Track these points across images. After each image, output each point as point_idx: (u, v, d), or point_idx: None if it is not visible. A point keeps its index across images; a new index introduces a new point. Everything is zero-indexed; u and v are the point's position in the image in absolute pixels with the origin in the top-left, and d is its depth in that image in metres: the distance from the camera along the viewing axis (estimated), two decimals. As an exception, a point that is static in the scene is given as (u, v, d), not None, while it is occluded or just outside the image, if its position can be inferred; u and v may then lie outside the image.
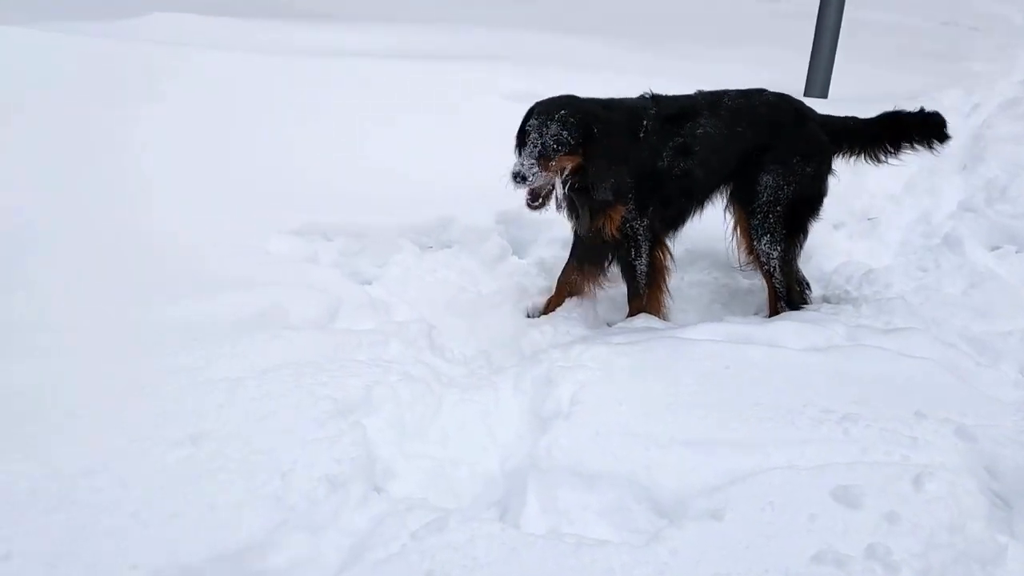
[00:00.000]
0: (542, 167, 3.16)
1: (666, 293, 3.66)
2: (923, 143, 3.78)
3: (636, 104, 3.47)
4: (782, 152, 3.57)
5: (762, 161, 3.57)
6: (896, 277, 3.95)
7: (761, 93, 3.68)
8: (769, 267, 3.67)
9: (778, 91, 3.75)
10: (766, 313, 3.79)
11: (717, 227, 3.87)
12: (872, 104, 6.67)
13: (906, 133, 3.77)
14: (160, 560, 2.04)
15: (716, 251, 4.16)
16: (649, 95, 3.54)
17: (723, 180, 3.66)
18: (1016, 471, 2.48)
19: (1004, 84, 8.34)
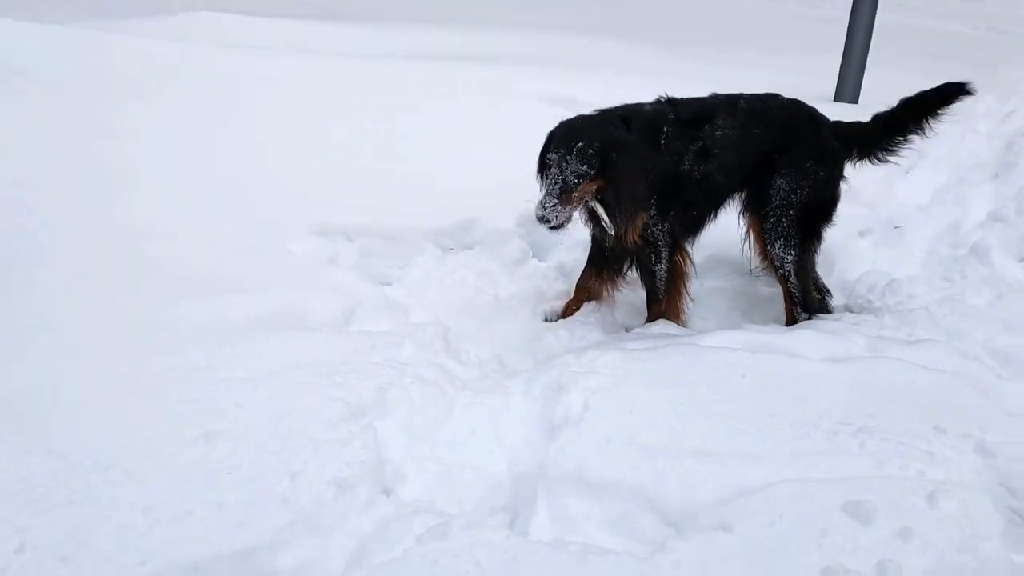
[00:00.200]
0: (564, 203, 3.16)
1: (685, 298, 3.64)
2: (930, 116, 3.82)
3: (654, 110, 3.46)
4: (796, 156, 3.56)
5: (776, 164, 3.56)
6: (920, 287, 3.89)
7: (775, 97, 3.69)
8: (784, 271, 3.66)
9: (792, 96, 3.74)
10: (784, 321, 3.76)
11: (737, 234, 3.85)
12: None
13: (914, 113, 3.80)
14: (169, 557, 2.07)
15: (736, 258, 4.14)
16: (665, 98, 3.54)
17: (740, 183, 3.64)
18: (1034, 489, 2.44)
19: (1040, 92, 8.18)
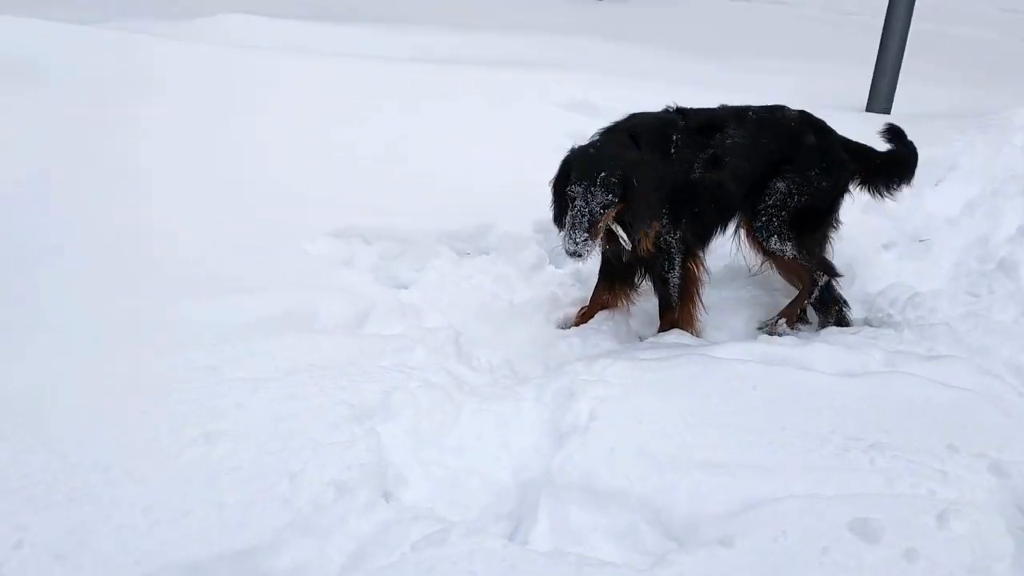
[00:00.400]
0: (593, 235, 3.13)
1: (699, 306, 3.61)
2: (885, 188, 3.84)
3: (663, 119, 3.44)
4: (801, 164, 3.57)
5: (780, 171, 3.57)
6: (943, 302, 3.81)
7: (783, 109, 3.71)
8: (789, 255, 3.64)
9: (800, 108, 3.76)
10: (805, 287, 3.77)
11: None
12: (935, 120, 6.52)
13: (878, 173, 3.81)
14: (167, 557, 2.08)
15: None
16: (673, 108, 3.53)
17: (748, 192, 3.62)
18: (1050, 512, 2.38)
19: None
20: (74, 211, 3.55)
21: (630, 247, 3.30)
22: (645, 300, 3.72)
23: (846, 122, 4.19)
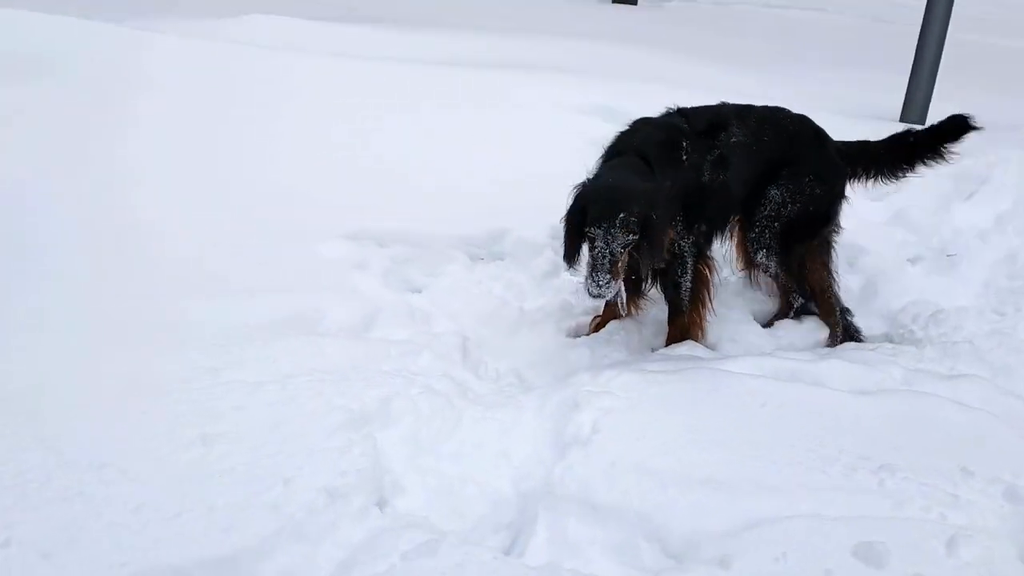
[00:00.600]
0: (615, 276, 3.07)
1: (708, 309, 3.57)
2: (934, 156, 3.82)
3: (669, 126, 3.38)
4: (796, 170, 3.56)
5: (777, 176, 3.57)
6: (968, 319, 3.70)
7: (783, 110, 3.71)
8: (771, 272, 3.71)
9: (799, 112, 3.76)
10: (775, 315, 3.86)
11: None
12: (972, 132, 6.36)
13: (917, 151, 3.81)
14: (153, 560, 2.06)
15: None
16: (674, 109, 3.51)
17: (750, 190, 3.60)
18: (1066, 541, 2.29)
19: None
20: (74, 209, 3.54)
21: (644, 267, 3.25)
22: (659, 310, 3.65)
23: (877, 132, 4.12)
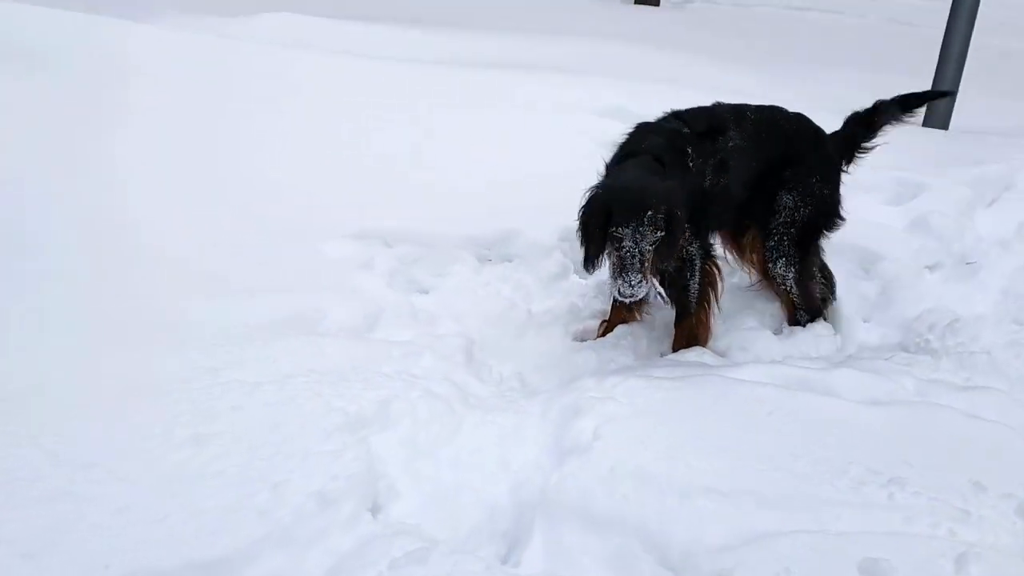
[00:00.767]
0: (644, 275, 3.01)
1: (714, 308, 3.52)
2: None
3: (672, 131, 3.32)
4: (801, 171, 3.52)
5: (782, 179, 3.52)
6: (987, 329, 3.59)
7: (780, 109, 3.66)
8: (785, 286, 3.65)
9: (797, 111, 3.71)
10: (785, 323, 3.77)
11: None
12: (992, 137, 6.24)
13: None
14: (134, 563, 2.02)
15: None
16: (670, 113, 3.45)
17: (749, 194, 3.55)
18: (1080, 561, 2.20)
19: None
20: (72, 207, 3.50)
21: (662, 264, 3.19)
22: (669, 313, 3.58)
23: (899, 137, 4.04)
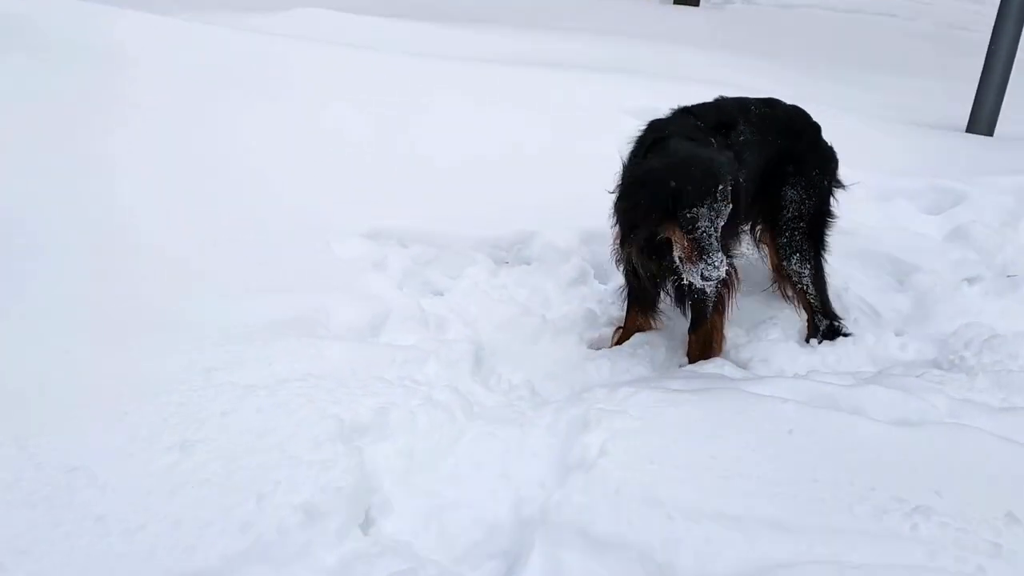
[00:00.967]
0: (726, 252, 2.86)
1: (729, 313, 3.37)
2: None
3: (687, 125, 3.19)
4: (803, 164, 3.52)
5: (785, 173, 3.48)
6: (1027, 346, 3.41)
7: (779, 103, 3.62)
8: (802, 285, 3.59)
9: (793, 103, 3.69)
10: (805, 335, 3.64)
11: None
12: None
13: None
14: (107, 574, 1.93)
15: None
16: (679, 109, 3.36)
17: (759, 188, 3.46)
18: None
19: None
20: (70, 206, 3.40)
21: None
22: (684, 322, 3.43)
23: (940, 144, 3.87)
